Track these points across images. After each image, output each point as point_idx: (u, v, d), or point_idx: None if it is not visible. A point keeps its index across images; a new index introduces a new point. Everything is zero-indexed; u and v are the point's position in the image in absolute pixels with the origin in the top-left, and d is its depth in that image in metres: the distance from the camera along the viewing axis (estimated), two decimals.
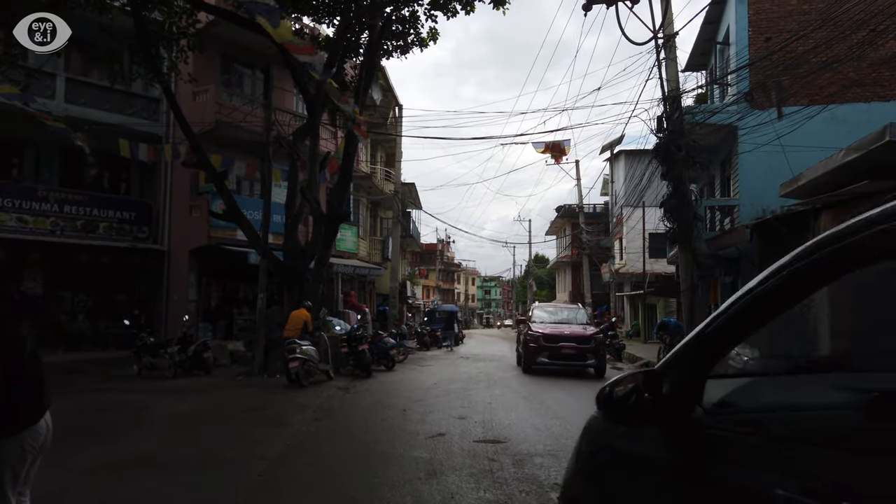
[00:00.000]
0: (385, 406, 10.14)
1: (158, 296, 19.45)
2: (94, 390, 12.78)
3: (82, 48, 18.17)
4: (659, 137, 14.76)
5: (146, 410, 9.97)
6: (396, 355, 17.39)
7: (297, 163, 16.16)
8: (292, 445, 7.23)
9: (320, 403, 10.51)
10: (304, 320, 13.74)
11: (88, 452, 7.03)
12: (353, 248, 25.40)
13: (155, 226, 19.45)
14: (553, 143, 23.13)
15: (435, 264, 72.47)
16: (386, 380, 14.14)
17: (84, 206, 17.85)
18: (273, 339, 14.96)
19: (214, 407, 10.23)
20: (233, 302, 20.69)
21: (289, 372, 12.81)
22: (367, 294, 31.25)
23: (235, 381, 13.97)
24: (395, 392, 11.77)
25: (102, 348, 18.63)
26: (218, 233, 18.22)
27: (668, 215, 14.67)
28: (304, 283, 15.38)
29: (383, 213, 33.81)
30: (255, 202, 18.05)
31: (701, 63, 21.27)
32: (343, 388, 12.48)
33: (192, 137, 14.57)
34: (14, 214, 16.36)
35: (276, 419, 8.99)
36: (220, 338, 19.50)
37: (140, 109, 18.80)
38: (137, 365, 15.57)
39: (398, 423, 8.56)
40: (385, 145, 32.90)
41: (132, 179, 19.99)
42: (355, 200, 26.42)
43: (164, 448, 7.18)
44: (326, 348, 14.10)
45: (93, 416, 9.57)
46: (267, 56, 17.62)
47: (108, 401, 11.19)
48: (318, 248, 15.35)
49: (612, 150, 30.62)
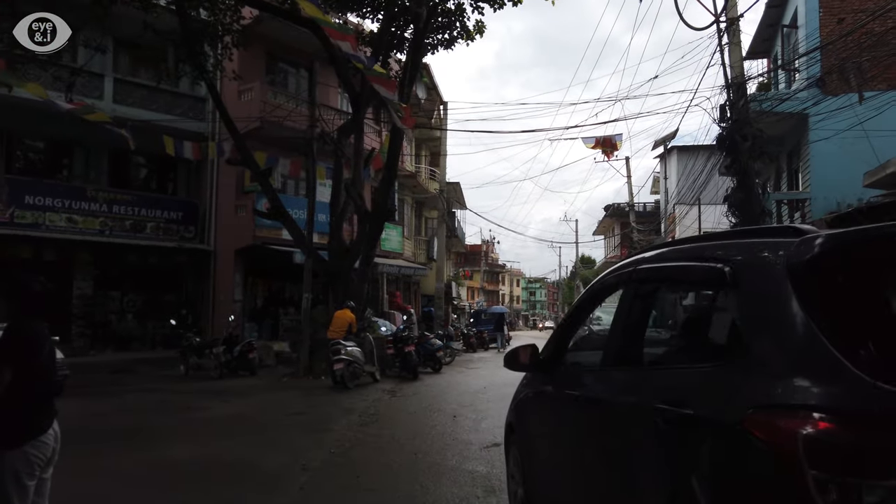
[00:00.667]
0: (434, 411, 9.60)
1: (205, 296, 19.42)
2: (140, 390, 12.65)
3: (130, 48, 18.32)
4: (722, 127, 13.86)
5: (189, 413, 9.69)
6: (443, 357, 16.88)
7: (341, 160, 15.81)
8: (336, 454, 6.76)
9: (366, 407, 10.05)
10: (349, 321, 13.34)
11: (127, 458, 6.72)
12: (399, 248, 25.02)
13: (201, 226, 19.44)
14: (604, 138, 22.30)
15: (479, 265, 71.88)
16: (433, 382, 13.63)
17: (132, 206, 17.92)
18: (318, 339, 14.64)
19: (258, 410, 9.88)
20: (278, 302, 20.53)
21: (334, 374, 12.44)
22: (412, 295, 30.88)
23: (280, 382, 13.68)
24: (443, 396, 11.24)
25: (151, 348, 18.70)
26: (263, 232, 18.06)
27: (733, 210, 13.74)
28: (348, 282, 15.00)
29: (428, 212, 33.40)
30: (299, 201, 17.80)
31: (763, 50, 20.11)
32: (389, 391, 12.02)
33: (236, 134, 14.37)
34: (64, 214, 16.48)
35: (320, 424, 8.56)
36: (265, 338, 19.36)
37: (187, 109, 18.80)
38: (184, 365, 15.48)
39: (449, 430, 8.01)
40: (429, 144, 32.49)
41: (179, 179, 20.04)
42: (400, 200, 26.06)
43: (203, 455, 6.80)
44: (372, 349, 13.68)
45: (136, 417, 9.35)
46: (311, 53, 17.36)
47: (153, 402, 11.00)
48: (363, 246, 14.95)
49: (665, 145, 29.45)
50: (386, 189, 14.89)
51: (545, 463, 3.57)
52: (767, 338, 1.92)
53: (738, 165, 13.45)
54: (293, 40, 19.49)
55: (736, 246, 2.36)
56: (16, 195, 15.64)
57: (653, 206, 45.04)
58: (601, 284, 3.47)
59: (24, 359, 3.09)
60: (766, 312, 1.96)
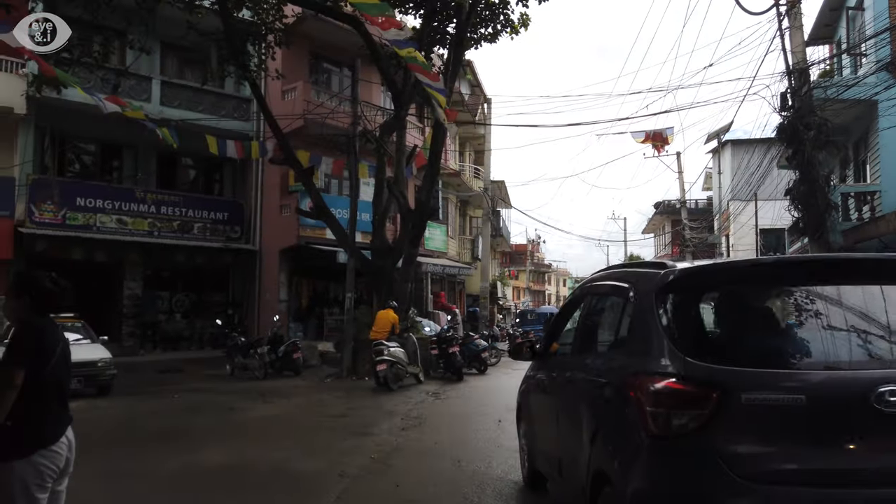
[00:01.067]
0: (479, 415, 9.24)
1: (251, 296, 19.54)
2: (185, 390, 12.69)
3: (176, 51, 18.57)
4: (783, 116, 13.09)
5: (231, 414, 9.59)
6: (489, 358, 16.47)
7: (384, 158, 15.61)
8: (377, 460, 6.47)
9: (408, 410, 9.76)
10: (392, 321, 13.09)
11: (161, 460, 6.58)
12: (443, 248, 24.74)
13: (247, 226, 19.57)
14: (654, 131, 21.54)
15: (525, 265, 71.11)
16: (478, 384, 13.27)
17: (180, 206, 18.14)
18: (362, 340, 14.46)
19: (299, 412, 9.72)
20: (323, 302, 20.51)
21: (377, 375, 12.20)
22: (457, 295, 30.56)
23: (323, 383, 13.55)
24: (488, 399, 10.86)
25: (199, 347, 18.92)
26: (307, 232, 18.03)
27: (795, 204, 12.97)
28: (391, 282, 14.78)
29: (472, 211, 33.05)
30: (343, 200, 17.69)
31: (825, 35, 19.04)
32: (433, 393, 11.71)
33: (279, 133, 14.31)
34: (114, 216, 16.77)
35: (361, 427, 8.31)
36: (310, 338, 19.34)
37: (231, 110, 18.95)
38: (230, 365, 15.52)
39: (493, 436, 7.63)
40: (473, 142, 32.14)
41: (225, 180, 20.24)
42: (444, 199, 25.78)
43: (239, 459, 6.62)
44: (415, 350, 13.40)
45: (177, 418, 9.28)
46: (353, 52, 17.23)
47: (197, 402, 10.96)
48: (406, 245, 14.70)
49: (718, 138, 28.34)
50: (429, 186, 14.60)
51: (539, 428, 4.81)
52: (639, 333, 3.06)
53: (800, 157, 12.68)
54: (336, 39, 19.43)
55: (636, 273, 3.50)
56: (67, 197, 15.98)
57: (705, 202, 43.62)
58: (573, 295, 5.07)
59: (33, 361, 2.88)
60: (640, 316, 3.07)
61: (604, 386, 3.22)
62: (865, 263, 3.26)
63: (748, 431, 2.53)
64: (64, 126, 15.94)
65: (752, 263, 3.84)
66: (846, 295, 2.88)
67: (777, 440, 2.51)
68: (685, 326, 2.85)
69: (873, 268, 3.11)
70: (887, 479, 2.42)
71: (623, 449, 2.85)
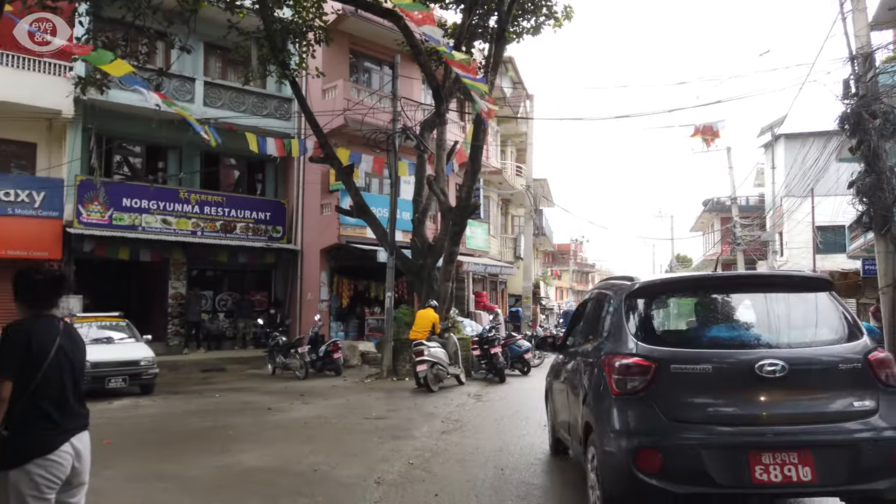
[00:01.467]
0: (522, 419, 8.87)
1: (293, 295, 19.56)
2: (226, 389, 12.69)
3: (219, 51, 18.71)
4: (846, 104, 12.31)
5: (268, 414, 9.45)
6: (532, 359, 16.05)
7: (424, 155, 15.35)
8: (415, 465, 6.18)
9: (449, 412, 9.46)
10: (432, 321, 12.80)
11: (196, 461, 6.44)
12: (485, 246, 24.36)
13: (289, 225, 19.59)
14: (704, 125, 20.75)
15: (568, 264, 70.08)
16: (522, 387, 12.87)
17: (223, 206, 18.26)
18: (402, 340, 14.24)
19: (338, 413, 9.50)
20: (364, 301, 20.38)
21: (416, 375, 11.95)
22: (499, 295, 30.13)
23: (364, 383, 13.36)
24: (531, 402, 10.46)
25: (242, 347, 19.02)
26: (348, 231, 17.92)
27: (860, 197, 12.17)
28: (432, 281, 14.50)
29: (514, 210, 32.58)
30: (383, 199, 17.51)
31: (887, 20, 17.96)
32: (474, 395, 11.38)
33: (319, 131, 14.20)
34: (159, 216, 16.96)
35: (401, 430, 8.04)
36: (352, 338, 19.25)
37: (273, 110, 18.99)
38: (271, 364, 15.53)
39: (538, 442, 7.26)
40: (515, 140, 31.68)
41: (267, 180, 20.32)
42: (485, 197, 25.40)
43: (274, 461, 6.42)
44: (456, 350, 13.09)
45: (216, 417, 9.19)
46: (393, 50, 17.05)
47: (236, 402, 10.90)
48: (447, 243, 14.39)
49: (772, 132, 27.21)
50: (470, 183, 14.26)
51: (558, 403, 5.87)
52: (614, 326, 4.26)
53: (865, 147, 11.91)
54: (376, 37, 19.33)
55: (616, 284, 4.68)
56: (114, 198, 16.22)
57: (756, 199, 42.11)
58: (585, 299, 6.01)
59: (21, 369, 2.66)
60: (615, 314, 4.29)
61: (592, 364, 4.45)
62: (755, 278, 5.23)
63: (674, 390, 3.77)
64: (110, 128, 16.17)
65: (682, 278, 5.12)
66: (742, 299, 4.40)
67: (692, 395, 3.76)
68: (640, 320, 4.15)
69: (760, 281, 4.97)
70: (765, 420, 3.69)
71: (600, 405, 4.12)
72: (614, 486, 3.85)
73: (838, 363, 3.81)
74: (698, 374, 3.75)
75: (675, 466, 3.61)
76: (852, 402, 3.73)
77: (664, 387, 3.76)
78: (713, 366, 3.74)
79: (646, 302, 4.22)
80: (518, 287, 29.05)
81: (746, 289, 4.51)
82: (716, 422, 3.67)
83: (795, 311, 4.27)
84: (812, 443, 3.60)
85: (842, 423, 3.69)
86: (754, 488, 3.56)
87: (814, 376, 3.79)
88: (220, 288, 19.39)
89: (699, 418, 3.68)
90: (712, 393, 3.75)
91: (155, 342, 17.52)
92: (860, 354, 3.83)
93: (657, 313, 4.34)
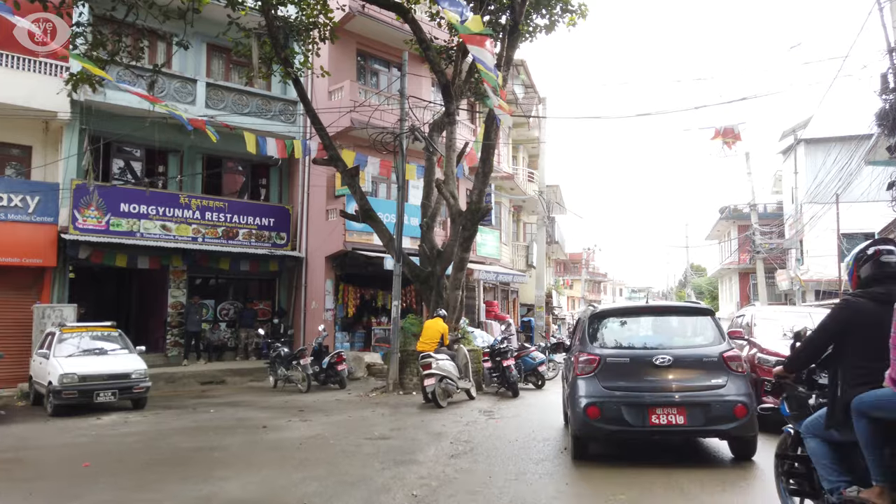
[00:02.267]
0: (539, 440, 8.07)
1: (297, 304, 18.86)
2: (223, 404, 11.99)
3: (222, 53, 18.16)
4: (885, 99, 11.52)
5: (262, 433, 8.72)
6: (546, 371, 15.23)
7: (433, 157, 14.64)
8: (420, 498, 5.42)
9: (459, 432, 8.68)
10: (441, 332, 12.03)
11: (172, 490, 5.70)
12: (496, 254, 23.58)
13: (293, 232, 18.94)
14: (725, 127, 19.92)
15: (580, 274, 69.07)
16: (537, 402, 12.06)
17: (224, 212, 17.61)
18: (409, 351, 13.49)
19: (338, 431, 8.75)
20: (371, 310, 19.66)
21: (424, 390, 11.19)
22: (510, 304, 29.29)
23: (368, 397, 12.62)
24: (549, 419, 9.67)
25: (244, 358, 18.32)
26: (354, 237, 17.24)
27: None
28: (441, 289, 13.74)
29: (526, 217, 31.81)
30: (390, 204, 16.82)
31: None
32: (486, 412, 10.59)
33: (323, 130, 13.52)
34: (158, 222, 16.33)
35: (405, 453, 7.27)
36: (357, 349, 18.52)
37: (278, 113, 18.39)
38: (273, 377, 14.84)
39: (559, 469, 6.47)
40: (527, 145, 30.97)
41: (271, 185, 19.70)
42: (496, 203, 24.63)
43: (260, 491, 5.68)
44: (466, 363, 12.30)
45: (206, 437, 8.47)
46: (401, 50, 16.40)
47: (232, 418, 10.19)
48: (457, 249, 13.63)
49: (795, 135, 26.30)
50: (481, 185, 13.51)
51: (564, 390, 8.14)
52: (581, 336, 7.22)
53: None
54: (383, 37, 18.75)
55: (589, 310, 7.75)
56: (111, 203, 15.62)
57: (774, 207, 41.05)
58: (580, 318, 8.29)
59: None
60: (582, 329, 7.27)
61: (569, 359, 7.69)
62: (661, 308, 7.92)
63: (609, 372, 6.31)
64: (109, 131, 15.59)
65: (618, 308, 7.62)
66: (651, 320, 7.18)
67: (618, 376, 6.28)
68: (594, 333, 6.89)
69: (664, 309, 7.86)
70: (657, 389, 6.17)
71: (572, 381, 6.76)
72: (576, 427, 6.52)
73: (703, 357, 6.34)
74: (621, 363, 6.41)
75: (607, 415, 6.17)
76: (710, 380, 6.18)
77: (603, 370, 6.37)
78: (630, 359, 6.47)
79: (599, 321, 7.08)
80: (529, 296, 28.23)
81: (656, 314, 7.40)
82: (630, 390, 6.23)
83: (684, 327, 7.09)
84: (684, 402, 6.09)
85: (703, 392, 6.14)
86: (651, 427, 6.10)
87: (688, 365, 6.30)
88: (221, 297, 18.72)
89: (621, 388, 6.25)
90: (628, 374, 6.32)
91: (154, 353, 16.95)
92: (718, 353, 6.32)
93: (604, 328, 7.02)
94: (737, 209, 41.28)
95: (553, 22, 15.45)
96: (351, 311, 18.69)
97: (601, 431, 6.25)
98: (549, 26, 15.54)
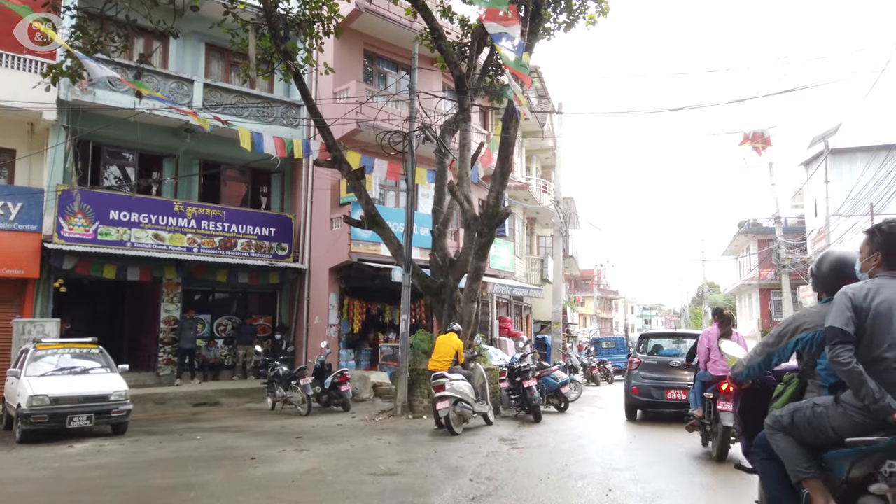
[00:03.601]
0: (574, 477, 6.80)
1: (299, 319, 17.67)
2: (212, 429, 10.78)
3: (221, 54, 17.22)
4: None
5: (249, 467, 7.48)
6: (570, 392, 13.95)
7: (445, 160, 13.50)
8: None
9: (478, 465, 7.41)
10: (455, 349, 10.77)
11: None
12: (510, 267, 22.35)
13: (295, 242, 17.82)
14: (754, 132, 18.70)
15: (591, 290, 67.60)
16: (562, 428, 10.77)
17: (222, 221, 16.51)
18: (419, 370, 12.26)
19: (337, 465, 7.51)
20: (378, 326, 18.43)
21: (436, 414, 9.93)
22: (523, 320, 27.98)
23: (374, 421, 11.36)
24: (580, 449, 8.41)
25: (242, 377, 17.10)
26: (360, 247, 16.06)
27: None
28: (454, 302, 12.52)
29: (540, 230, 30.62)
30: (399, 212, 15.68)
31: None
32: (508, 440, 9.32)
33: (326, 130, 12.40)
34: (150, 231, 15.24)
35: (416, 494, 6.02)
36: (363, 367, 17.27)
37: (280, 116, 17.38)
38: (271, 398, 13.67)
39: None
40: (541, 156, 29.89)
41: (272, 192, 18.64)
42: (510, 214, 23.43)
43: None
44: (483, 384, 11.02)
45: (187, 471, 7.24)
46: (409, 51, 15.35)
47: (219, 447, 8.96)
48: (472, 258, 12.43)
49: (825, 142, 25.04)
50: (498, 187, 12.32)
51: None
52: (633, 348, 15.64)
53: None
54: (391, 37, 17.75)
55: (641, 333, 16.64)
56: (100, 210, 14.55)
57: (795, 220, 39.65)
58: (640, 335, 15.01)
59: None
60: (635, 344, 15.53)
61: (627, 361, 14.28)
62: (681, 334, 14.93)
63: (645, 370, 11.51)
64: (99, 134, 14.55)
65: (655, 333, 15.92)
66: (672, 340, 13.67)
67: (650, 372, 11.45)
68: (639, 345, 12.94)
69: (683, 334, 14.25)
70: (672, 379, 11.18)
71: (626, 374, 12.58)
72: (627, 399, 11.74)
73: None
74: (653, 364, 11.52)
75: (642, 393, 11.25)
76: None
77: (642, 367, 11.48)
78: (657, 361, 11.59)
79: (644, 339, 13.30)
80: (544, 313, 26.94)
81: (675, 336, 14.20)
82: (656, 379, 11.21)
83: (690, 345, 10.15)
84: (685, 386, 10.33)
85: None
86: (666, 401, 10.97)
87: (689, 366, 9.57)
88: (218, 311, 17.52)
89: (651, 378, 11.25)
90: (656, 370, 11.33)
91: (145, 371, 15.77)
92: None
93: (645, 342, 12.95)
94: (756, 223, 39.97)
95: (574, 18, 14.42)
96: (356, 326, 17.44)
97: (639, 402, 11.41)
98: (569, 23, 14.49)
